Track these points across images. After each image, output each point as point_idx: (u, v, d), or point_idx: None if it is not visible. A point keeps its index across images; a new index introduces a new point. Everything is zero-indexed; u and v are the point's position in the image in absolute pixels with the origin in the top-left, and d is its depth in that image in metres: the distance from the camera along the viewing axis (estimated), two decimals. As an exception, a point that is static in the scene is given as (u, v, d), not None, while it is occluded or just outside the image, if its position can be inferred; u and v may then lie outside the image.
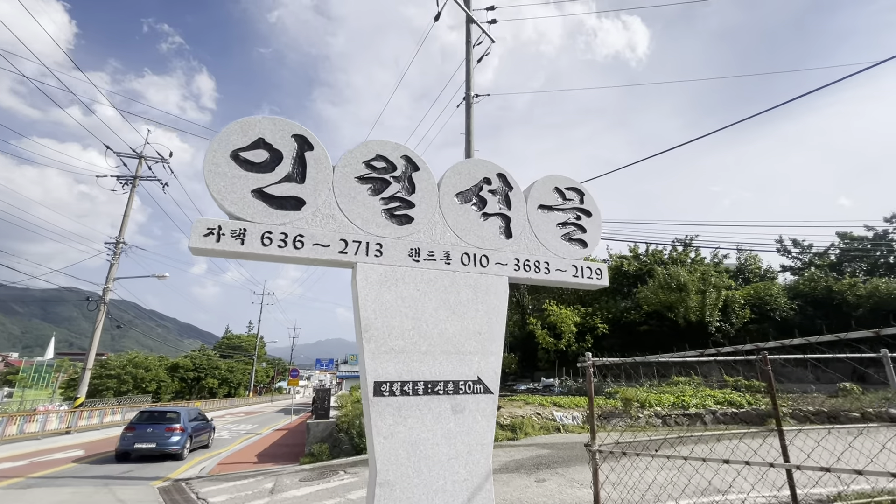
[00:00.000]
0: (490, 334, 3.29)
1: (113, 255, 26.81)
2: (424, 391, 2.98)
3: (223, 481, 10.42)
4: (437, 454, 2.88)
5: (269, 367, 73.80)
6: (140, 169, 28.93)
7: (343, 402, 17.08)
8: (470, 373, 3.14)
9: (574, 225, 3.98)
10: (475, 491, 2.89)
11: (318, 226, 3.06)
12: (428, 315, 3.15)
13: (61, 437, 20.86)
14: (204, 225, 2.75)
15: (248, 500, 8.04)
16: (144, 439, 14.33)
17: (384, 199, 3.29)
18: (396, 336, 3.01)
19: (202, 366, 51.42)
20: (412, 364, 3.00)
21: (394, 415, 2.84)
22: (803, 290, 24.67)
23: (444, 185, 3.54)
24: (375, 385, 2.85)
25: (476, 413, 3.07)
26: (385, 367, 2.92)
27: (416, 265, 3.23)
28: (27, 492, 9.70)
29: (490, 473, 2.99)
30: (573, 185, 4.08)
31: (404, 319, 3.07)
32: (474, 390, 3.12)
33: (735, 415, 14.42)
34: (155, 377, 44.57)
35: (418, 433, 2.87)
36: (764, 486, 5.80)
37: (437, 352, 3.10)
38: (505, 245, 3.62)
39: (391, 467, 2.73)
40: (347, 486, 8.48)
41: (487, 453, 3.02)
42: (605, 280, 3.91)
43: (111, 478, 11.85)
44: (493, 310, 3.37)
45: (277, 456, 15.29)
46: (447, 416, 2.98)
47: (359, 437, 12.68)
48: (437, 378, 3.04)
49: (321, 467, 11.06)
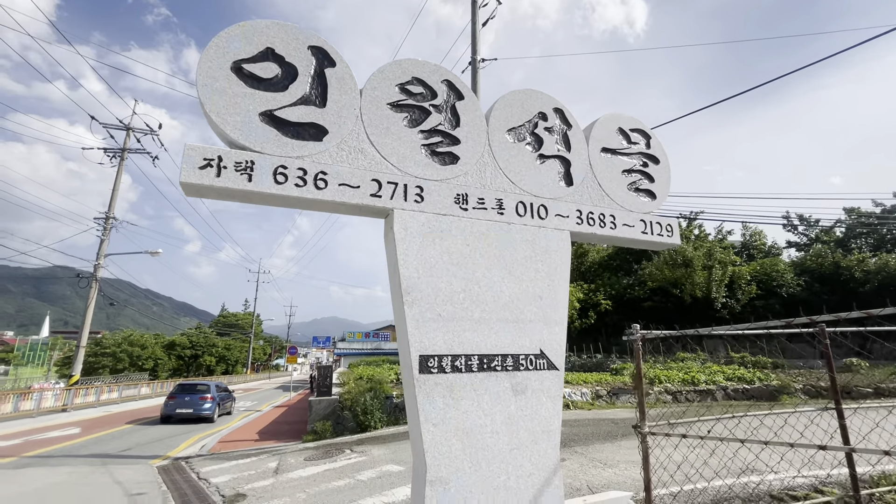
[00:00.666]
0: (552, 299, 2.71)
1: (103, 231, 25.95)
2: (479, 367, 2.41)
3: (225, 460, 10.02)
4: (496, 444, 2.33)
5: (267, 344, 73.84)
6: (128, 141, 27.78)
7: (345, 380, 16.72)
8: (531, 345, 2.57)
9: (640, 173, 3.35)
10: (543, 486, 2.36)
11: (344, 161, 2.41)
12: (480, 275, 2.55)
13: (57, 414, 20.48)
14: (199, 154, 2.10)
15: (251, 480, 7.62)
16: (183, 406, 17.39)
17: (424, 133, 2.64)
18: (444, 300, 2.42)
19: (199, 343, 51.11)
20: (464, 334, 2.42)
21: (444, 396, 2.28)
22: (810, 265, 24.34)
23: (494, 118, 2.89)
24: (421, 360, 2.28)
25: (540, 393, 2.52)
26: (432, 337, 2.33)
27: (464, 214, 2.61)
28: (21, 472, 9.25)
29: (558, 466, 2.45)
30: (639, 127, 3.44)
31: (453, 280, 2.47)
32: (537, 366, 2.56)
33: (746, 391, 14.18)
34: (151, 355, 44.20)
35: (474, 419, 2.31)
36: (810, 467, 5.39)
37: (493, 320, 2.51)
38: (565, 194, 3.00)
39: (443, 461, 2.18)
40: (355, 465, 8.07)
41: (555, 442, 2.48)
42: (677, 238, 3.31)
43: (109, 456, 11.44)
44: (555, 270, 2.77)
45: (279, 433, 14.97)
46: (507, 397, 2.43)
47: (363, 414, 12.31)
48: (494, 351, 2.47)
49: (326, 445, 10.69)
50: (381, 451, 9.09)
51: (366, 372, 17.34)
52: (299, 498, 6.30)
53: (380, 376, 15.45)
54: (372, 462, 8.16)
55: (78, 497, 6.96)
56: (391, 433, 11.41)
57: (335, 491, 6.50)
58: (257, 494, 6.65)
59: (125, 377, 36.73)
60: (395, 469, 7.45)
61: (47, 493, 7.22)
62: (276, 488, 6.92)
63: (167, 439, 14.22)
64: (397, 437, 10.66)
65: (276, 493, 6.59)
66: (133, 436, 15.17)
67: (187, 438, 14.34)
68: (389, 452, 8.83)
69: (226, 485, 7.41)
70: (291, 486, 6.98)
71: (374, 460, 8.26)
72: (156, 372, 43.84)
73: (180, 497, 6.82)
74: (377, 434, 11.41)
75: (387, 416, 12.62)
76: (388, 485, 6.58)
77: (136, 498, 6.82)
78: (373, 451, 9.06)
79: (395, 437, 10.56)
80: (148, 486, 7.71)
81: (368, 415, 12.23)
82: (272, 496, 6.47)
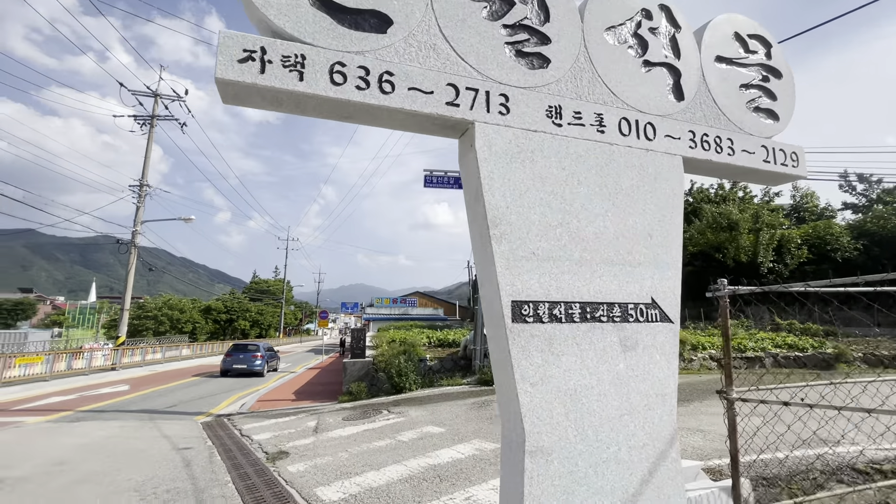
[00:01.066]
0: (664, 238, 2.20)
1: (138, 198, 26.52)
2: (582, 317, 1.96)
3: (264, 418, 10.18)
4: (604, 409, 1.91)
5: (297, 310, 76.13)
6: (157, 108, 27.88)
7: (378, 342, 16.80)
8: (641, 292, 2.10)
9: (760, 89, 2.72)
10: (658, 460, 1.95)
11: (413, 60, 1.91)
12: (579, 206, 2.06)
13: (107, 372, 21.62)
14: (238, 43, 1.64)
15: (292, 438, 7.62)
16: (238, 362, 20.09)
17: (507, 29, 2.10)
18: (538, 235, 1.95)
19: (234, 308, 53.02)
20: (563, 277, 1.96)
21: (543, 351, 1.85)
22: (871, 228, 22.54)
23: (589, 14, 2.30)
24: (514, 307, 1.84)
25: (652, 350, 2.06)
26: (526, 280, 1.88)
27: (558, 131, 2.09)
28: (78, 425, 9.64)
29: (676, 436, 2.02)
30: (758, 32, 2.77)
31: (547, 211, 1.99)
32: (648, 317, 2.09)
33: (798, 358, 13.41)
34: (190, 319, 46.18)
35: (578, 378, 1.88)
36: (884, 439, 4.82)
37: (596, 261, 2.04)
38: (675, 110, 2.42)
39: (544, 428, 1.78)
40: (394, 426, 7.96)
41: (670, 408, 2.04)
42: (803, 168, 2.70)
43: (156, 412, 11.86)
44: (667, 203, 2.25)
45: (314, 394, 15.26)
46: (615, 353, 1.98)
47: (398, 376, 12.30)
48: (598, 299, 2.01)
49: (362, 406, 10.70)
50: (419, 412, 8.98)
51: (397, 335, 17.37)
52: (342, 457, 6.19)
53: (412, 340, 15.41)
54: (411, 423, 8.04)
55: (130, 449, 7.11)
56: (426, 395, 11.35)
57: (377, 451, 6.37)
58: (299, 452, 6.60)
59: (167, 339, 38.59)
60: (435, 430, 7.28)
61: (102, 445, 7.42)
62: (317, 447, 6.87)
63: (209, 397, 14.69)
64: (433, 398, 10.58)
65: (318, 452, 6.52)
66: (177, 393, 15.76)
67: (228, 397, 14.78)
68: (427, 414, 8.70)
69: (268, 442, 7.43)
70: (332, 445, 6.92)
71: (413, 421, 8.14)
72: (194, 335, 45.90)
73: (225, 452, 6.86)
74: (412, 396, 11.38)
75: (421, 379, 12.60)
76: (430, 446, 6.40)
77: (184, 452, 6.90)
78: (410, 413, 8.96)
79: (430, 399, 10.47)
80: (194, 440, 7.84)
81: (403, 377, 12.20)
82: (314, 455, 6.40)
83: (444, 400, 10.10)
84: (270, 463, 6.13)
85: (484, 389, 11.11)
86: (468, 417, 8.09)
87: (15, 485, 5.39)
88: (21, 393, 15.47)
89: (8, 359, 16.29)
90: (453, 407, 9.12)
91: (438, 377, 13.17)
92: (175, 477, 5.59)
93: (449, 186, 13.86)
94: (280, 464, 6.05)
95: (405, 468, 5.47)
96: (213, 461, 6.35)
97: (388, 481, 5.05)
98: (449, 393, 11.15)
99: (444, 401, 10.00)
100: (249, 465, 6.04)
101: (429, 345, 16.54)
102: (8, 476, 5.70)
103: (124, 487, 5.19)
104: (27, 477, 5.67)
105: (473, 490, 4.64)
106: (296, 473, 5.55)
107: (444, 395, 10.81)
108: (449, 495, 4.58)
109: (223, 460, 6.37)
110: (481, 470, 5.23)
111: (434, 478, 5.08)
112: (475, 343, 12.92)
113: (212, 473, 5.73)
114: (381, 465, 5.64)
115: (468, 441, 6.49)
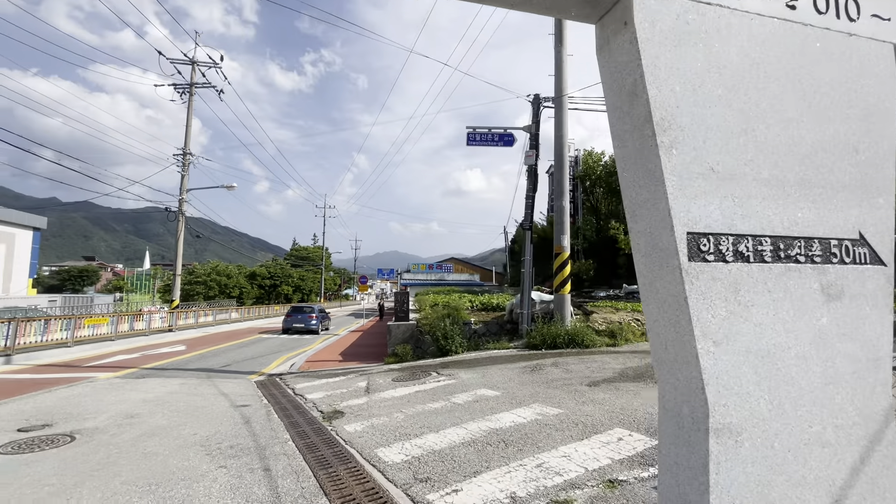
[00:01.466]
0: (873, 154, 1.63)
1: (182, 167, 27.17)
2: (774, 256, 1.45)
3: (315, 378, 10.31)
4: (804, 376, 1.43)
5: (336, 276, 78.23)
6: (194, 76, 28.05)
7: (421, 306, 16.78)
8: (846, 225, 1.56)
9: None
10: (871, 443, 1.47)
11: None
12: (766, 108, 1.51)
13: (164, 333, 22.92)
14: None
15: (345, 398, 7.59)
16: (297, 322, 23.41)
17: None
18: (717, 146, 1.43)
19: (277, 274, 54.98)
20: (748, 203, 1.45)
21: (727, 300, 1.37)
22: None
23: None
24: (690, 239, 1.36)
25: (861, 300, 1.54)
26: (703, 205, 1.39)
27: (738, 4, 1.52)
28: (143, 381, 10.10)
29: (892, 414, 1.53)
30: None
31: (727, 113, 1.46)
32: (855, 258, 1.55)
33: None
34: (237, 284, 48.31)
35: (771, 336, 1.41)
36: None
37: (790, 181, 1.51)
38: (885, -20, 1.78)
39: (732, 400, 1.33)
40: (447, 388, 7.78)
41: (885, 377, 1.54)
42: None
43: (213, 371, 12.34)
44: (875, 108, 1.66)
45: (359, 355, 15.49)
46: (815, 303, 1.48)
47: (444, 339, 12.18)
48: (793, 232, 1.49)
49: (410, 367, 10.65)
50: (470, 374, 8.77)
51: (439, 299, 17.27)
52: (398, 418, 6.05)
53: (455, 304, 15.24)
54: (463, 385, 7.84)
55: (192, 405, 7.29)
56: (473, 357, 11.17)
57: (433, 413, 6.18)
58: (354, 412, 6.53)
59: (216, 303, 40.59)
60: (490, 394, 7.03)
61: (166, 400, 7.66)
62: (371, 407, 6.78)
63: (259, 358, 15.20)
64: (481, 361, 10.37)
65: (374, 412, 6.41)
66: (230, 353, 16.43)
67: (277, 358, 15.24)
68: (479, 377, 8.48)
69: (321, 401, 7.44)
70: (386, 405, 6.81)
71: (465, 384, 7.93)
72: (242, 299, 48.10)
73: (282, 410, 6.90)
74: (459, 358, 11.23)
75: (466, 342, 12.44)
76: (487, 410, 6.15)
77: (242, 409, 6.99)
78: (461, 375, 8.77)
79: (478, 362, 10.26)
80: (250, 398, 7.98)
81: (449, 339, 12.06)
82: (370, 415, 6.30)
83: (492, 363, 9.86)
84: (327, 422, 6.07)
85: (533, 353, 10.79)
86: (522, 381, 7.79)
87: (93, 435, 5.57)
88: (91, 351, 16.58)
89: (78, 320, 17.42)
90: (504, 370, 8.86)
91: (484, 340, 12.96)
92: (236, 433, 5.61)
93: (493, 144, 13.13)
94: (336, 423, 5.98)
95: (466, 431, 5.24)
96: (270, 419, 6.38)
97: (451, 444, 4.82)
98: (496, 356, 10.91)
99: (493, 364, 9.76)
100: (307, 424, 6.01)
101: (472, 309, 16.34)
102: (85, 427, 5.92)
103: (190, 442, 5.23)
104: (102, 428, 5.86)
105: (544, 457, 4.34)
106: (354, 433, 5.45)
107: (491, 359, 10.58)
108: (518, 461, 4.29)
109: (280, 418, 6.38)
110: (548, 436, 4.91)
111: (498, 442, 4.82)
112: (522, 307, 12.53)
113: (271, 431, 5.72)
114: (440, 428, 5.43)
115: (527, 405, 6.19)
